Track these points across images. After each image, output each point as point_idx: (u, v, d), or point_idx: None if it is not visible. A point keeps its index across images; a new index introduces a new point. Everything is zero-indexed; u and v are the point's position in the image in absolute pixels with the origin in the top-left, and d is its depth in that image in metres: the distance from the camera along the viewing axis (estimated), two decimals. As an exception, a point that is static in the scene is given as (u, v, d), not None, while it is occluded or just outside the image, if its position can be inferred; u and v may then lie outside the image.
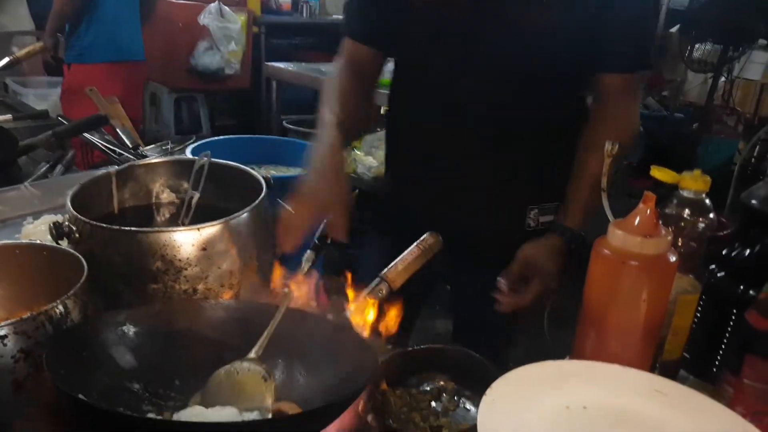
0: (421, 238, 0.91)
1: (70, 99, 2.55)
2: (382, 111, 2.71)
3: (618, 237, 0.69)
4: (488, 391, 0.63)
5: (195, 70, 3.11)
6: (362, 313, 0.87)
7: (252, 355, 0.75)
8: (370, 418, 0.78)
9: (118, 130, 1.71)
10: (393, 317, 0.89)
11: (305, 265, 0.96)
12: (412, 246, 0.90)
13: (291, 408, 0.71)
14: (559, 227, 1.05)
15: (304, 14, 3.86)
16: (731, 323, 0.80)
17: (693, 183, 0.77)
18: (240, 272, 0.92)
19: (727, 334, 0.80)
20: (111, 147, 1.59)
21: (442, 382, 0.87)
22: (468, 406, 0.86)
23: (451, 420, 0.83)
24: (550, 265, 1.00)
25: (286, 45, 3.58)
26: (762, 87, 4.11)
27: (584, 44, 1.01)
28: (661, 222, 0.71)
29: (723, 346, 0.81)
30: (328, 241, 1.00)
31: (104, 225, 0.86)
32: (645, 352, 0.73)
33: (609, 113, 1.06)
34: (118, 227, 0.86)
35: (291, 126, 2.81)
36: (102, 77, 2.44)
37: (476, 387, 0.80)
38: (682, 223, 0.79)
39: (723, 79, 4.09)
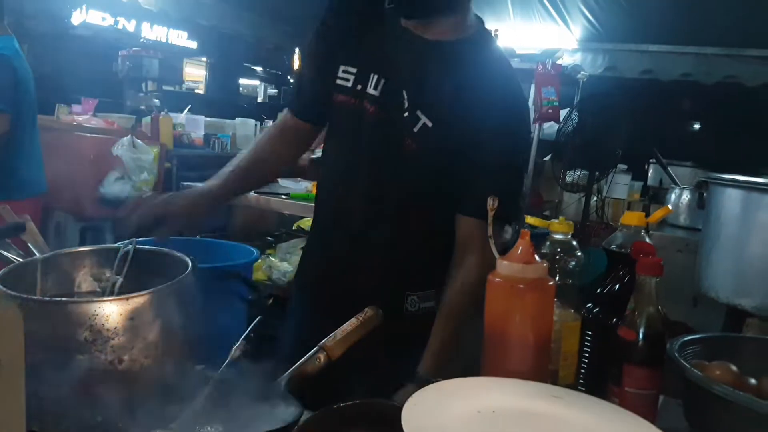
0: (363, 311, 0.97)
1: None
2: (295, 226, 2.85)
3: (504, 266, 0.83)
4: (409, 399, 0.70)
5: (104, 199, 3.13)
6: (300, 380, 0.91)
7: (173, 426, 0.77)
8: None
9: (30, 245, 1.69)
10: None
11: (235, 353, 1.01)
12: (352, 318, 0.96)
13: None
14: (415, 375, 1.11)
15: (216, 149, 4.06)
16: (608, 346, 0.93)
17: (560, 227, 0.95)
18: (166, 344, 0.95)
19: (607, 355, 0.93)
20: (21, 260, 1.57)
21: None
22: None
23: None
24: None
25: (197, 177, 3.71)
26: (629, 204, 4.71)
27: (448, 183, 1.13)
28: (536, 255, 0.85)
29: (606, 367, 0.93)
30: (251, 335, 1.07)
31: (35, 297, 0.88)
32: (540, 368, 0.84)
33: (466, 261, 1.13)
34: (49, 299, 0.88)
35: (212, 239, 2.86)
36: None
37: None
38: (556, 264, 0.95)
39: (595, 198, 4.66)
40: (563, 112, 4.25)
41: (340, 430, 0.91)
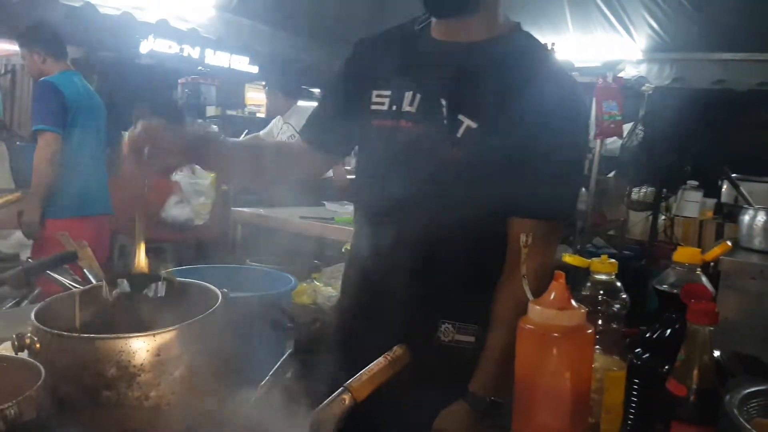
0: (391, 349, 0.93)
1: (40, 247, 2.63)
2: (343, 249, 2.84)
3: (537, 312, 0.77)
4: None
5: (165, 223, 3.25)
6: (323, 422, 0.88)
7: None
8: None
9: (85, 270, 1.75)
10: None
11: (260, 391, 0.99)
12: (380, 357, 0.92)
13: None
14: (467, 393, 1.07)
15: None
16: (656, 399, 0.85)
17: (602, 266, 0.87)
18: (193, 379, 0.94)
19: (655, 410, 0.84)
20: (76, 286, 1.62)
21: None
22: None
23: None
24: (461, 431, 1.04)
25: (253, 200, 3.79)
26: (701, 223, 4.44)
27: (497, 185, 1.05)
28: (574, 300, 0.79)
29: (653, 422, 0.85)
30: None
31: (64, 333, 0.90)
32: (578, 424, 0.77)
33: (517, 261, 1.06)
34: (76, 335, 0.89)
35: (254, 264, 2.90)
36: (72, 229, 2.55)
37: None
38: (599, 306, 0.88)
39: (663, 217, 4.42)
40: (627, 127, 4.07)
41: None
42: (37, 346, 0.89)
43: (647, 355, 0.92)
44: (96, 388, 0.87)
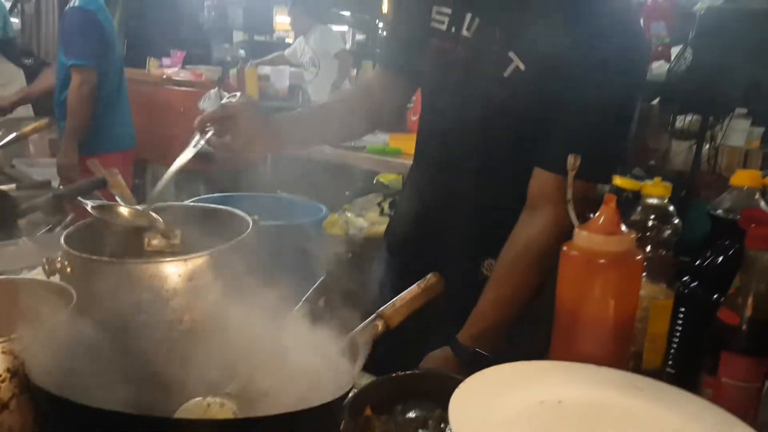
0: (424, 278, 0.91)
1: (61, 175, 2.66)
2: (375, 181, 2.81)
3: (583, 237, 0.72)
4: (460, 387, 0.63)
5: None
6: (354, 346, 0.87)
7: (229, 390, 0.75)
8: (353, 440, 0.77)
9: (117, 198, 1.76)
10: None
11: (295, 314, 0.98)
12: (413, 285, 0.90)
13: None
14: (453, 340, 1.04)
15: (300, 99, 4.06)
16: (705, 329, 0.81)
17: (654, 189, 0.81)
18: (226, 304, 0.94)
19: (703, 340, 0.80)
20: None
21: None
22: (455, 432, 0.85)
23: (437, 447, 0.81)
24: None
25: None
26: (746, 153, 4.23)
27: (536, 133, 1.01)
28: (623, 225, 0.74)
29: (700, 353, 0.81)
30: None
31: (93, 257, 0.89)
32: (620, 353, 0.73)
33: (535, 219, 1.02)
34: (108, 258, 0.89)
35: (286, 195, 2.89)
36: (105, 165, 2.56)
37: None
38: (648, 232, 0.82)
39: (707, 146, 4.22)
40: (675, 50, 3.83)
41: (395, 400, 0.88)
42: (68, 270, 0.90)
43: (696, 283, 0.87)
44: (129, 312, 0.87)
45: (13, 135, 1.97)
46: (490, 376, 0.66)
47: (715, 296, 0.82)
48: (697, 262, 0.89)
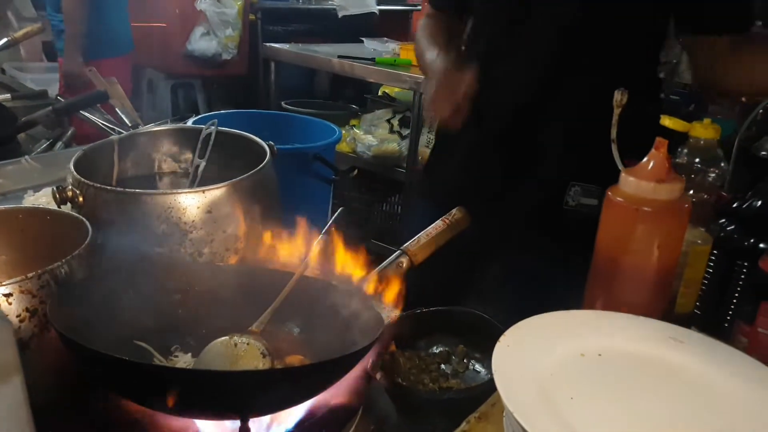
0: (450, 212, 0.88)
1: (68, 83, 2.55)
2: (380, 92, 2.70)
3: (630, 184, 0.68)
4: (502, 338, 0.62)
5: (191, 56, 3.09)
6: (378, 284, 0.85)
7: (253, 328, 0.73)
8: (378, 375, 0.77)
9: (117, 109, 1.68)
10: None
11: (315, 248, 0.95)
12: (438, 220, 0.87)
13: (299, 362, 0.70)
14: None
15: (300, 0, 3.83)
16: (743, 275, 0.79)
17: (704, 131, 0.76)
18: (246, 236, 0.91)
19: (740, 286, 0.79)
20: (110, 126, 1.57)
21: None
22: (477, 367, 0.85)
23: (461, 381, 0.82)
24: None
25: (282, 31, 3.55)
26: (760, 68, 4.09)
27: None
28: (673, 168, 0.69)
29: (735, 299, 0.80)
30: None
31: (109, 187, 0.85)
32: (658, 302, 0.72)
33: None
34: (122, 189, 0.84)
35: (290, 107, 2.79)
36: (104, 71, 2.45)
37: (486, 348, 0.79)
38: (693, 174, 0.78)
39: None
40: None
41: (419, 335, 0.88)
42: (80, 199, 0.85)
43: (733, 227, 0.85)
44: (147, 244, 0.84)
45: (5, 40, 1.85)
46: (532, 326, 0.64)
47: (752, 240, 0.80)
48: (735, 205, 0.87)
